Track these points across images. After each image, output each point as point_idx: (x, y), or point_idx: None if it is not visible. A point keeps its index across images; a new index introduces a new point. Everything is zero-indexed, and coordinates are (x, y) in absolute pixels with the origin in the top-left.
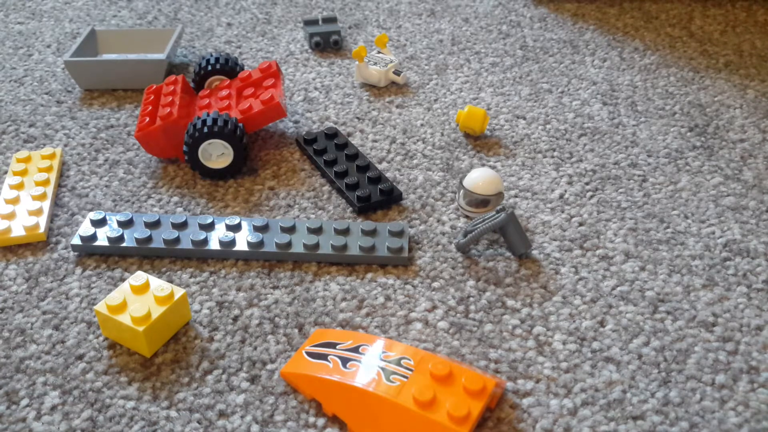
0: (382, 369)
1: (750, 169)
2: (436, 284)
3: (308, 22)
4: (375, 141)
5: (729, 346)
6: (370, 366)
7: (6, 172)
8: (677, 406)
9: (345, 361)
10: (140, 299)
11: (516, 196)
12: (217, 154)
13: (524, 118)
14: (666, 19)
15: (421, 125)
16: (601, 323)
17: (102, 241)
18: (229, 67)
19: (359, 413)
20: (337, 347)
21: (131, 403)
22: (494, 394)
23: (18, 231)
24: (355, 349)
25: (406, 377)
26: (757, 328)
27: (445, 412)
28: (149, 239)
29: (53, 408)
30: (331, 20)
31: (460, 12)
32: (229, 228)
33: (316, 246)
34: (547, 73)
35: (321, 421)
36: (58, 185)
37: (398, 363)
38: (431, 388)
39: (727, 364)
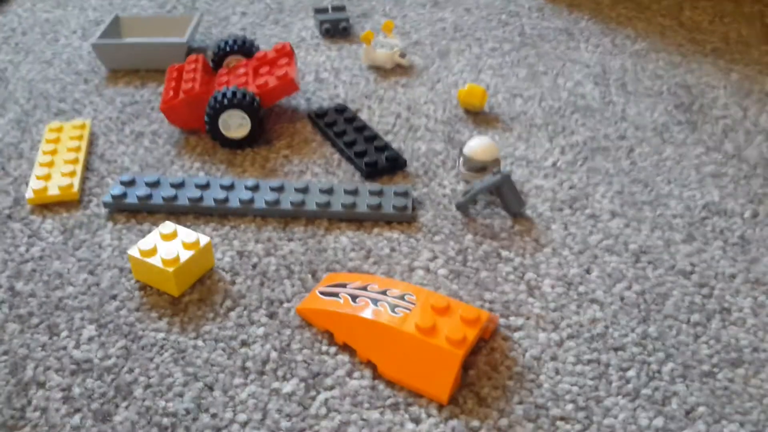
0: (388, 303)
1: (731, 141)
2: (437, 238)
3: (318, 11)
4: (381, 116)
5: (704, 291)
6: (377, 301)
7: (40, 141)
8: (655, 339)
9: (354, 297)
10: (169, 245)
11: (512, 164)
12: (235, 125)
13: (521, 97)
14: (657, 9)
15: (425, 103)
16: (587, 271)
17: (132, 199)
18: (246, 48)
19: (367, 341)
20: (348, 286)
21: (161, 335)
22: (488, 328)
23: (53, 190)
24: (364, 288)
25: (408, 309)
26: (731, 276)
27: (443, 337)
28: (175, 198)
29: (90, 339)
30: (340, 9)
31: (462, 2)
32: (248, 188)
33: (328, 204)
34: (543, 57)
35: (333, 349)
36: (88, 152)
37: (402, 298)
38: (431, 318)
39: (702, 305)
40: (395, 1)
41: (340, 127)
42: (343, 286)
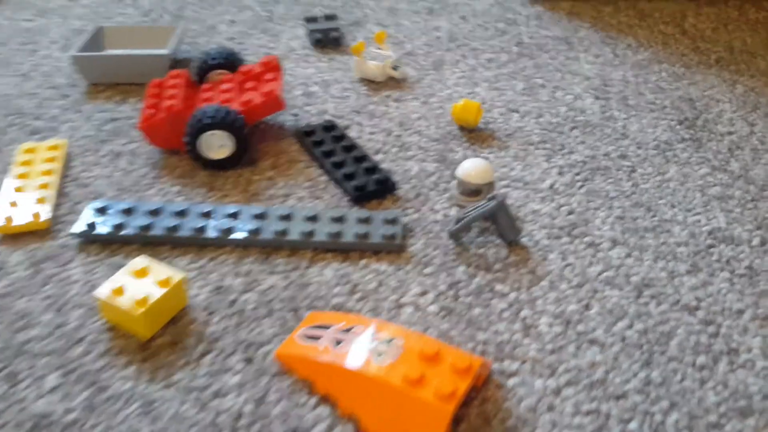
0: (373, 349)
1: (737, 160)
2: (427, 270)
3: (309, 19)
4: (372, 133)
5: (711, 329)
6: (362, 347)
7: (12, 163)
8: (658, 386)
9: (337, 342)
10: (139, 283)
11: (508, 186)
12: (218, 145)
13: (518, 112)
14: (660, 17)
15: (417, 118)
16: (587, 307)
17: (104, 229)
18: (230, 62)
19: (350, 392)
20: (330, 329)
21: (129, 384)
22: (480, 374)
23: (21, 219)
24: (348, 331)
25: (395, 357)
26: (738, 311)
27: (432, 390)
28: (150, 227)
29: (53, 389)
30: (332, 17)
31: (458, 10)
32: (228, 215)
33: (312, 233)
34: (541, 68)
35: (313, 401)
36: (63, 176)
37: (388, 343)
38: (419, 367)
39: (708, 346)
40: (389, 10)
41: (328, 147)
42: (326, 327)
